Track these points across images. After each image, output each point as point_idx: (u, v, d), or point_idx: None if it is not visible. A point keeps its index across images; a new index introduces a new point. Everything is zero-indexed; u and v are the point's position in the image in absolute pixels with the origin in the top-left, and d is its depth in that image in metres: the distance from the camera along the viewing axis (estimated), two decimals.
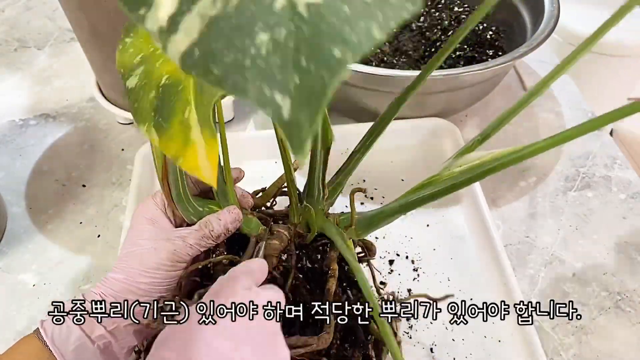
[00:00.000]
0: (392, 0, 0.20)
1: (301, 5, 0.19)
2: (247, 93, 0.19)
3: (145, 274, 0.40)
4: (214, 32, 0.20)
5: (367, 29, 0.19)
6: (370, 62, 0.75)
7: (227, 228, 0.42)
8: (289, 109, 0.18)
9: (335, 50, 0.19)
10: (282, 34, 0.19)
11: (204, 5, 0.20)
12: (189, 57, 0.20)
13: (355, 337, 0.45)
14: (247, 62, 0.19)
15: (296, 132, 0.18)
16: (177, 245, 0.40)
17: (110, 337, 0.39)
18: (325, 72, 0.19)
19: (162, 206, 0.44)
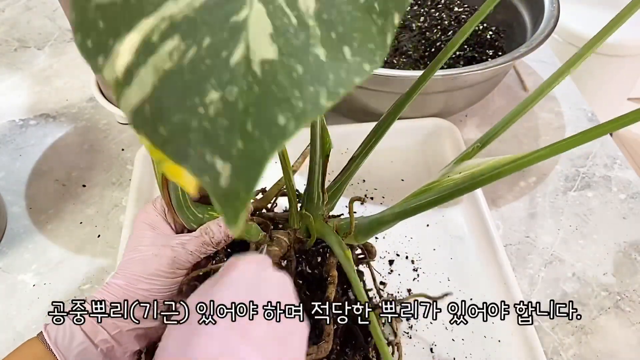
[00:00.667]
0: (349, 59, 0.19)
1: (256, 62, 0.18)
2: (187, 159, 0.18)
3: (145, 280, 0.40)
4: (166, 87, 0.19)
5: (315, 96, 0.18)
6: None
7: (227, 235, 0.42)
8: (228, 176, 0.18)
9: (280, 116, 0.18)
10: (233, 93, 0.18)
11: (161, 57, 0.19)
12: (140, 114, 0.19)
13: (355, 341, 0.45)
14: (194, 123, 0.18)
15: (232, 201, 0.17)
16: (178, 252, 0.40)
17: (113, 341, 0.39)
18: (266, 139, 0.18)
19: (162, 212, 0.44)
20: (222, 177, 0.18)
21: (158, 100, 0.19)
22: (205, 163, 0.18)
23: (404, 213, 0.40)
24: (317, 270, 0.47)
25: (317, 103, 0.18)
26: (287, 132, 0.18)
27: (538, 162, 0.31)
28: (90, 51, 0.20)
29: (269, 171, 0.63)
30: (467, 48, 0.78)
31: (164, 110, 0.18)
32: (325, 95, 0.18)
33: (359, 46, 0.19)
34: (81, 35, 0.20)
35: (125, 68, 0.19)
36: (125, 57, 0.19)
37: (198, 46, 0.19)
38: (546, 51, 0.91)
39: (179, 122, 0.18)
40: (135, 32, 0.19)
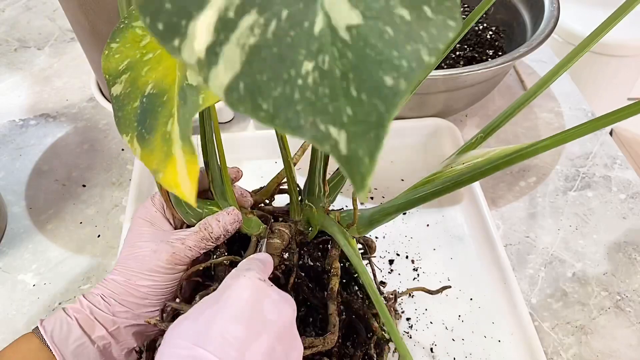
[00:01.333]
0: (432, 17, 0.19)
1: (341, 28, 0.18)
2: (302, 130, 0.17)
3: (144, 276, 0.40)
4: (256, 62, 0.18)
5: (416, 52, 0.18)
6: None
7: (226, 229, 0.41)
8: (346, 143, 0.17)
9: (387, 77, 0.17)
10: (326, 61, 0.18)
11: (242, 33, 0.18)
12: (234, 92, 0.18)
13: (357, 336, 0.45)
14: (296, 95, 0.18)
15: (356, 167, 0.17)
16: (177, 247, 0.40)
17: (111, 338, 0.39)
18: (378, 102, 0.17)
19: (160, 208, 0.44)
20: (340, 144, 0.17)
21: (251, 76, 0.18)
22: (320, 132, 0.17)
23: (406, 204, 0.39)
24: (319, 263, 0.47)
25: (420, 59, 0.18)
26: (400, 92, 0.17)
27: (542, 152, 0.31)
28: (164, 34, 0.19)
29: (268, 169, 0.63)
30: (467, 48, 0.78)
31: (261, 86, 0.18)
32: (426, 51, 0.18)
33: (437, 4, 0.19)
34: (150, 18, 0.19)
35: (207, 48, 0.19)
36: (204, 36, 0.19)
37: (277, 19, 0.18)
38: (546, 51, 0.91)
39: (280, 95, 0.18)
40: (208, 9, 0.19)
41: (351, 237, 0.42)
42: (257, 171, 0.68)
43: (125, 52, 0.32)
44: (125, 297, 0.40)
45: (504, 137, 0.76)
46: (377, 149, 0.17)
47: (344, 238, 0.41)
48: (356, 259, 0.38)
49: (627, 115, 0.28)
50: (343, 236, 0.41)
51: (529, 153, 0.31)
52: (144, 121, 0.29)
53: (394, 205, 0.40)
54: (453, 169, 0.39)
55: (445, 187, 0.36)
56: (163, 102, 0.28)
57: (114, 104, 0.31)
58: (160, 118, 0.28)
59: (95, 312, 0.39)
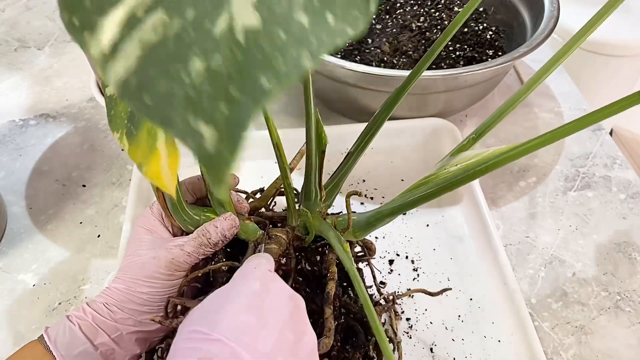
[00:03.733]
0: (331, 24, 0.19)
1: (239, 30, 0.19)
2: (172, 124, 0.18)
3: (145, 283, 0.40)
4: (151, 59, 0.19)
5: (297, 58, 0.19)
6: (370, 62, 0.75)
7: (224, 235, 0.42)
8: (214, 141, 0.18)
9: (263, 79, 0.18)
10: (217, 62, 0.19)
11: (146, 30, 0.20)
12: (127, 86, 0.19)
13: (356, 338, 0.45)
14: (179, 91, 0.19)
15: (217, 165, 0.18)
16: (175, 253, 0.41)
17: (113, 344, 0.40)
18: (250, 101, 0.18)
19: (159, 216, 0.44)
20: (207, 141, 0.18)
21: (143, 72, 0.19)
22: (190, 128, 0.18)
23: (402, 207, 0.40)
24: (317, 268, 0.47)
25: (298, 64, 0.19)
26: (270, 93, 0.18)
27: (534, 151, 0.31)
28: (77, 28, 0.20)
29: (268, 170, 0.63)
30: (467, 48, 0.78)
31: (149, 81, 0.19)
32: (308, 56, 0.19)
33: (342, 13, 0.20)
34: (68, 14, 0.20)
35: (111, 42, 0.20)
36: (111, 31, 0.20)
37: (182, 18, 0.19)
38: (546, 51, 0.91)
39: (164, 90, 0.19)
40: (120, 7, 0.20)
41: (345, 242, 0.42)
42: (257, 171, 0.68)
43: None
44: (127, 304, 0.40)
45: (504, 137, 0.76)
46: (239, 146, 0.18)
47: (338, 243, 0.41)
48: (349, 264, 0.38)
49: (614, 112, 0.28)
50: (337, 241, 0.41)
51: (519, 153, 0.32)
52: (133, 118, 0.30)
53: (389, 208, 0.41)
54: (447, 170, 0.39)
55: (439, 189, 0.36)
56: None
57: (107, 103, 0.32)
58: None
59: (98, 319, 0.39)
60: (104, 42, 0.20)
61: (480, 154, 0.36)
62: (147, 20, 0.20)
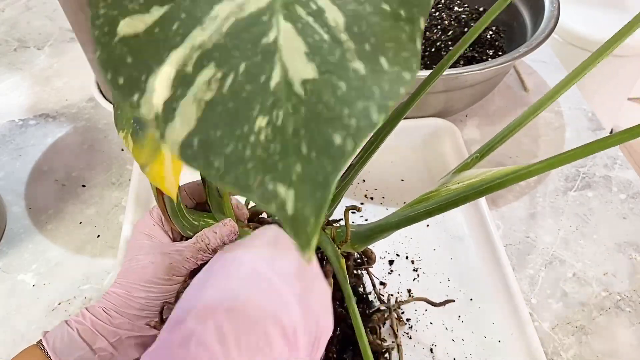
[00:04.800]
0: (387, 70, 0.18)
1: (297, 83, 0.18)
2: (250, 189, 0.17)
3: (143, 288, 0.40)
4: (211, 117, 0.18)
5: (366, 111, 0.18)
6: None
7: (223, 241, 0.42)
8: (293, 202, 0.17)
9: (336, 136, 0.17)
10: (280, 117, 0.18)
11: (199, 88, 0.18)
12: (189, 148, 0.18)
13: (353, 347, 0.45)
14: (247, 152, 0.18)
15: (302, 227, 0.17)
16: (174, 258, 0.41)
17: (112, 349, 0.40)
18: (326, 161, 0.17)
19: (159, 221, 0.45)
20: (287, 204, 0.17)
21: (205, 133, 0.18)
22: (268, 191, 0.17)
23: (401, 222, 0.40)
24: None
25: (369, 118, 0.18)
26: (346, 152, 0.17)
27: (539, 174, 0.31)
28: (124, 88, 0.19)
29: None
30: (467, 48, 0.78)
31: (213, 142, 0.18)
32: (376, 109, 0.18)
33: (394, 55, 0.19)
34: (111, 73, 0.19)
35: (165, 103, 0.19)
36: (162, 91, 0.19)
37: (235, 73, 0.18)
38: (546, 51, 0.91)
39: (232, 152, 0.18)
40: (167, 64, 0.19)
41: (342, 258, 0.42)
42: None
43: None
44: (125, 309, 0.40)
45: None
46: (322, 208, 0.17)
47: (335, 257, 0.41)
48: (343, 281, 0.39)
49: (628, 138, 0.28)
50: (334, 255, 0.41)
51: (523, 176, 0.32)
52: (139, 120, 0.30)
53: (389, 222, 0.41)
54: (448, 188, 0.39)
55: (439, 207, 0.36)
56: None
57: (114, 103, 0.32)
58: None
59: (97, 324, 0.40)
60: (157, 102, 0.19)
61: (483, 173, 0.37)
62: (199, 77, 0.18)
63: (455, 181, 0.39)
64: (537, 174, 0.31)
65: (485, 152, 0.42)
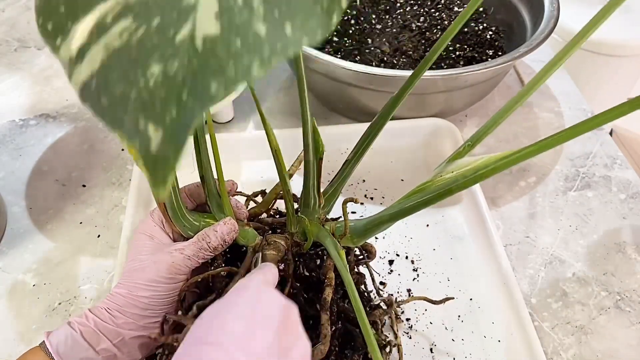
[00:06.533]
0: (288, 34, 0.20)
1: (199, 38, 0.19)
2: (121, 125, 0.19)
3: (146, 287, 0.40)
4: (113, 63, 0.20)
5: (248, 65, 0.19)
6: (370, 62, 0.75)
7: (223, 239, 0.42)
8: (159, 142, 0.19)
9: (213, 85, 0.19)
10: (173, 67, 0.19)
11: (112, 36, 0.20)
12: (87, 88, 0.20)
13: (354, 342, 0.45)
14: (133, 93, 0.19)
15: (161, 166, 0.18)
16: (176, 257, 0.41)
17: (115, 349, 0.40)
18: (197, 106, 0.19)
19: (159, 222, 0.45)
20: (152, 143, 0.19)
21: (104, 75, 0.20)
22: (137, 129, 0.19)
23: (398, 214, 0.40)
24: (315, 273, 0.47)
25: (247, 72, 0.19)
26: (216, 98, 0.19)
27: (529, 158, 0.31)
28: (50, 33, 0.21)
29: (268, 170, 0.63)
30: (467, 48, 0.78)
31: (108, 84, 0.20)
32: (258, 64, 0.19)
33: (301, 24, 0.20)
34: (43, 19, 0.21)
35: (79, 48, 0.20)
36: (80, 38, 0.21)
37: (147, 26, 0.20)
38: (546, 51, 0.91)
39: (120, 93, 0.19)
40: (91, 14, 0.21)
41: (342, 249, 0.42)
42: (257, 171, 0.68)
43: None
44: (129, 309, 0.40)
45: (504, 137, 0.76)
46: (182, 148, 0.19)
47: (334, 249, 0.41)
48: (344, 271, 0.39)
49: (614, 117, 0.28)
50: (334, 248, 0.41)
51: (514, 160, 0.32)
52: None
53: (387, 215, 0.41)
54: (442, 177, 0.39)
55: (435, 196, 0.37)
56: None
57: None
58: None
59: (100, 325, 0.40)
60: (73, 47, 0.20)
61: (476, 161, 0.37)
62: (114, 27, 0.20)
63: (449, 170, 0.40)
64: (528, 157, 0.31)
65: (477, 140, 0.42)
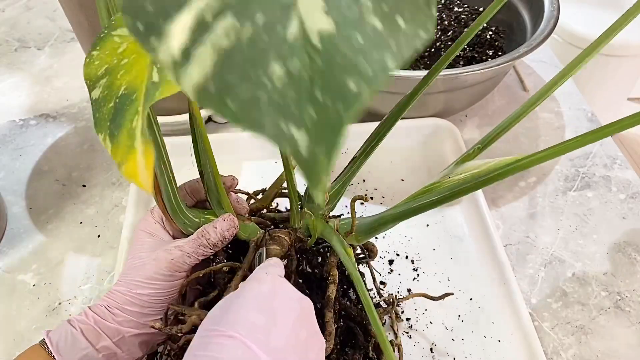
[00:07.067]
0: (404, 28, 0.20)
1: (314, 35, 0.19)
2: (263, 129, 0.18)
3: (145, 284, 0.40)
4: (227, 64, 0.19)
5: (381, 60, 0.19)
6: None
7: (223, 236, 0.42)
8: (306, 144, 0.18)
9: (351, 82, 0.18)
10: (296, 66, 0.19)
11: (217, 36, 0.20)
12: (204, 91, 0.19)
13: (355, 340, 0.45)
14: (263, 95, 0.19)
15: (314, 168, 0.18)
16: (175, 254, 0.41)
17: (115, 347, 0.40)
18: (341, 106, 0.18)
19: (160, 220, 0.45)
20: (300, 145, 0.18)
21: (221, 77, 0.19)
22: (281, 132, 0.18)
23: (405, 213, 0.40)
24: (318, 270, 0.47)
25: (384, 66, 0.19)
26: (361, 97, 0.18)
27: (539, 164, 0.31)
28: (142, 34, 0.20)
29: (268, 170, 0.63)
30: (467, 48, 0.78)
31: (229, 86, 0.19)
32: (391, 57, 0.19)
33: (410, 16, 0.20)
34: (131, 19, 0.20)
35: (182, 48, 0.20)
36: (180, 37, 0.20)
37: (253, 24, 0.19)
38: (546, 51, 0.91)
39: (247, 95, 0.19)
40: (186, 13, 0.20)
41: (348, 246, 0.42)
42: (257, 171, 0.68)
43: (104, 59, 0.34)
44: (128, 307, 0.40)
45: (504, 137, 0.75)
46: (334, 150, 0.18)
47: (341, 247, 0.41)
48: (352, 268, 0.39)
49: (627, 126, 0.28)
50: (341, 245, 0.41)
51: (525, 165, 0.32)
52: (115, 120, 0.30)
53: (393, 214, 0.41)
54: (451, 179, 0.39)
55: (442, 198, 0.37)
56: (131, 100, 0.29)
57: (93, 107, 0.32)
58: (127, 115, 0.29)
59: (100, 323, 0.40)
60: (174, 47, 0.20)
61: (485, 164, 0.37)
62: (217, 26, 0.20)
63: (458, 172, 0.39)
64: (537, 163, 0.32)
65: (487, 143, 0.42)
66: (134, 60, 0.32)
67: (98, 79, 0.33)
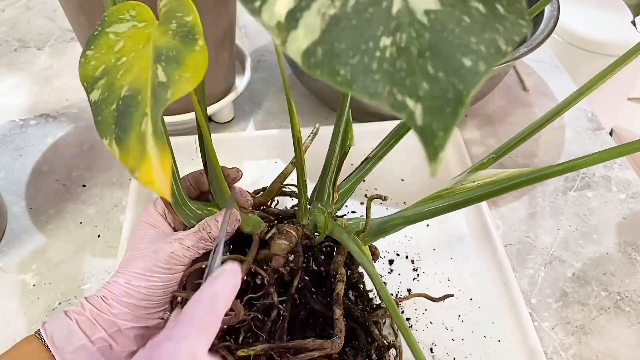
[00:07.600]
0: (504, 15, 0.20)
1: (419, 12, 0.19)
2: (380, 97, 0.19)
3: (144, 277, 0.40)
4: (335, 31, 0.19)
5: (493, 40, 0.19)
6: None
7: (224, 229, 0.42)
8: (421, 114, 0.18)
9: (465, 59, 0.19)
10: (404, 40, 0.19)
11: (323, 3, 0.20)
12: (312, 57, 0.19)
13: (357, 341, 0.45)
14: (374, 64, 0.19)
15: (430, 140, 0.18)
16: (174, 247, 0.40)
17: (111, 340, 0.39)
18: (456, 81, 0.18)
19: (162, 212, 0.44)
20: (416, 115, 0.18)
21: (329, 44, 0.19)
22: (397, 101, 0.19)
23: (415, 217, 0.40)
24: (323, 268, 0.46)
25: (497, 47, 0.19)
26: (479, 72, 0.19)
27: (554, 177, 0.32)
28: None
29: (268, 170, 0.62)
30: None
31: (338, 53, 0.19)
32: (503, 41, 0.19)
33: (508, 4, 0.20)
34: None
35: (288, 12, 0.20)
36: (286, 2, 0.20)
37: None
38: (546, 51, 0.91)
39: (358, 63, 0.19)
40: None
41: (363, 245, 0.42)
42: (257, 171, 0.68)
43: (100, 59, 0.32)
44: (125, 298, 0.40)
45: (504, 137, 0.76)
46: (452, 123, 0.18)
47: (354, 245, 0.40)
48: (370, 268, 0.38)
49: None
50: (355, 244, 0.41)
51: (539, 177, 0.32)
52: (120, 123, 0.29)
53: (402, 217, 0.41)
54: (464, 186, 0.39)
55: (454, 204, 0.37)
56: (137, 102, 0.28)
57: (93, 109, 0.31)
58: (134, 118, 0.28)
59: (96, 314, 0.39)
60: (279, 11, 0.20)
61: (498, 173, 0.37)
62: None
63: (471, 180, 0.40)
64: (552, 177, 0.32)
65: (502, 154, 0.43)
66: (133, 59, 0.31)
67: (96, 80, 0.32)
